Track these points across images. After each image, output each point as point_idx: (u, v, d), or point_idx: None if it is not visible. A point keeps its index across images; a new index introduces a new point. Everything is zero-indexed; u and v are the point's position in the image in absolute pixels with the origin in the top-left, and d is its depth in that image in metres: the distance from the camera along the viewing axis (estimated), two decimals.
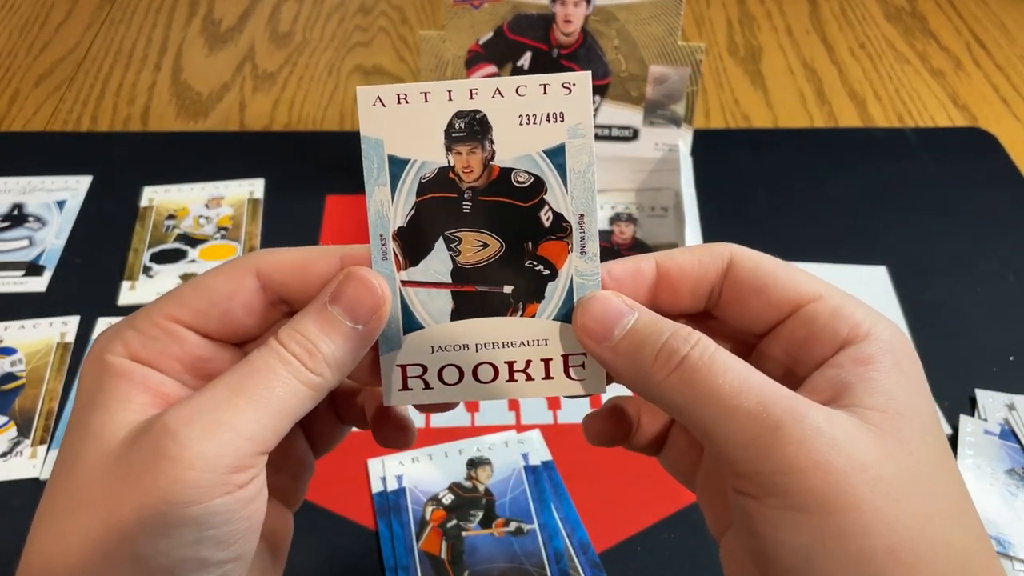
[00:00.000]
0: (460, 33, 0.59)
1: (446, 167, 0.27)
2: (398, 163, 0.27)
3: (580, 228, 0.27)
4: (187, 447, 0.23)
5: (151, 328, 0.26)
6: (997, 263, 0.61)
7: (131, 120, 0.76)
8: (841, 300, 0.27)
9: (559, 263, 0.27)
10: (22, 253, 0.61)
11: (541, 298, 0.28)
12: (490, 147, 0.27)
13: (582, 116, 0.26)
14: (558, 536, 0.45)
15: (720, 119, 0.77)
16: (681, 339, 0.26)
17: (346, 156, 0.70)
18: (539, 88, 0.26)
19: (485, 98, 0.26)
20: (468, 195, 0.27)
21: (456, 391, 0.28)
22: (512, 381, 0.28)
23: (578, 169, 0.27)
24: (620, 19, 0.57)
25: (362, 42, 0.86)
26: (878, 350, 0.26)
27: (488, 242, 0.27)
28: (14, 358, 0.54)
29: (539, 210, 0.27)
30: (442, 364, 0.28)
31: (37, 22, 0.88)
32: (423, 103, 0.26)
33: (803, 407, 0.24)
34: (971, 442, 0.50)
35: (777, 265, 0.29)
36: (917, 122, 0.76)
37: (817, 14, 0.91)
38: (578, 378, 0.28)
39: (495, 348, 0.28)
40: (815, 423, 0.24)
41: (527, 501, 0.46)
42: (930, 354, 0.55)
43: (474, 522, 0.45)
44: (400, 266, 0.27)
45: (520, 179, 0.27)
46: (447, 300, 0.28)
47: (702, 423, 0.25)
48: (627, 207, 0.63)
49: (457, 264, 0.27)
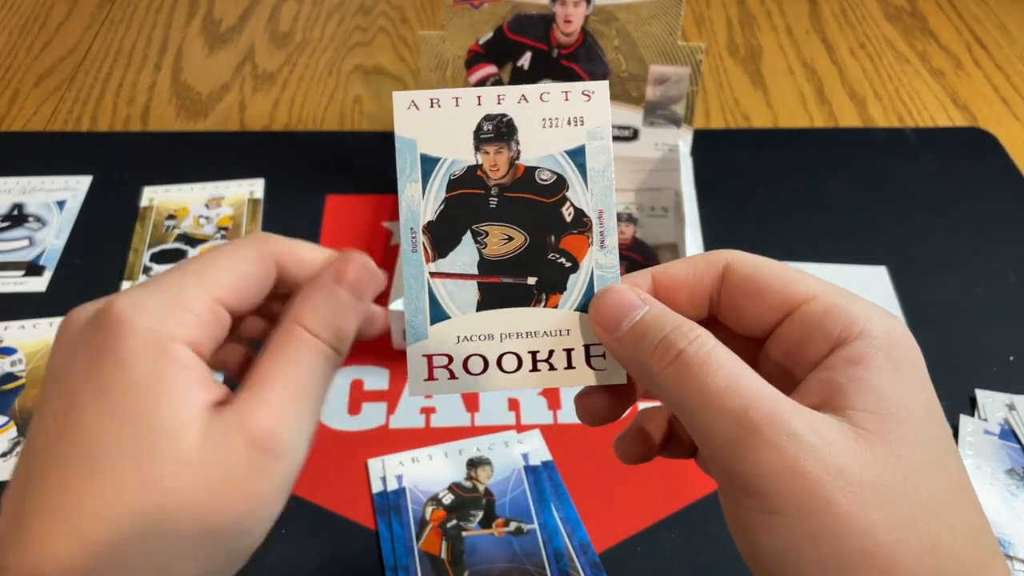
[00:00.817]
0: (460, 33, 0.59)
1: (475, 165, 0.28)
2: (429, 161, 0.29)
3: (600, 223, 0.29)
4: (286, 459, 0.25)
5: (205, 312, 0.26)
6: (997, 263, 0.61)
7: (131, 120, 0.76)
8: (835, 299, 0.28)
9: (580, 256, 0.29)
10: (22, 253, 0.61)
11: (564, 289, 0.29)
12: (516, 147, 0.29)
13: (601, 120, 0.28)
14: (558, 536, 0.45)
15: (720, 119, 0.77)
16: (681, 334, 0.27)
17: (346, 156, 0.70)
18: (561, 95, 0.28)
19: (511, 103, 0.28)
20: (495, 191, 0.29)
21: (481, 380, 0.29)
22: (535, 371, 0.29)
23: (597, 168, 0.29)
24: (620, 19, 0.57)
25: (362, 42, 0.86)
26: (870, 348, 0.26)
27: (513, 235, 0.29)
28: (14, 358, 0.54)
29: (561, 206, 0.29)
30: (468, 354, 0.29)
31: (37, 22, 0.88)
32: (454, 107, 0.28)
33: (784, 412, 0.25)
34: (971, 442, 0.50)
35: (773, 268, 0.29)
36: (917, 122, 0.76)
37: (817, 14, 0.91)
38: (599, 368, 0.29)
39: (519, 338, 0.29)
40: (793, 429, 0.24)
41: (527, 501, 0.46)
42: (930, 354, 0.54)
43: (474, 522, 0.45)
44: (429, 258, 0.29)
45: (543, 177, 0.29)
46: (473, 291, 0.29)
47: (690, 418, 0.26)
48: (627, 207, 0.63)
49: (483, 256, 0.29)
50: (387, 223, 0.64)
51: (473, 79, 0.60)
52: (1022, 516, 0.46)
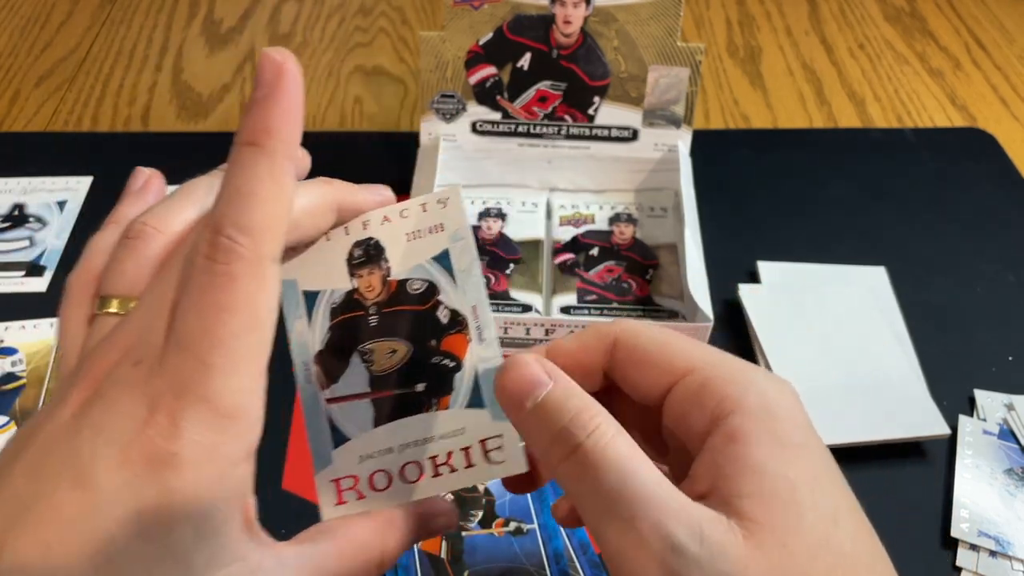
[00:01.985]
0: (460, 34, 0.59)
1: (351, 290, 0.30)
2: (311, 296, 0.30)
3: (475, 318, 0.30)
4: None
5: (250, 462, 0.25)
6: (996, 263, 0.62)
7: (132, 120, 0.76)
8: (713, 371, 0.27)
9: (461, 354, 0.30)
10: (23, 253, 0.61)
11: (451, 390, 0.30)
12: (385, 265, 0.30)
13: (459, 223, 0.30)
14: (558, 536, 0.45)
15: (719, 120, 0.77)
16: (579, 425, 0.26)
17: (346, 156, 0.70)
18: (419, 208, 0.30)
19: (375, 226, 0.30)
20: (373, 310, 0.30)
21: (387, 496, 0.30)
22: (437, 476, 0.30)
23: (463, 267, 0.30)
24: (620, 20, 0.57)
25: (362, 43, 0.86)
26: (745, 422, 0.26)
27: (396, 348, 0.30)
28: (15, 358, 0.54)
29: (436, 310, 0.30)
30: (371, 471, 0.30)
31: (38, 23, 0.88)
32: (325, 241, 0.30)
33: (670, 521, 0.24)
34: (970, 442, 0.50)
35: (655, 339, 0.29)
36: (916, 122, 0.76)
37: (816, 15, 0.91)
38: (497, 460, 0.30)
39: (416, 446, 0.30)
40: (677, 541, 0.24)
41: (527, 501, 0.46)
42: (929, 354, 0.55)
43: (474, 522, 0.45)
44: (323, 386, 0.30)
45: (415, 287, 0.30)
46: (368, 408, 0.30)
47: (585, 516, 0.26)
48: (626, 207, 0.63)
49: (372, 373, 0.30)
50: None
51: (473, 80, 0.60)
52: (1021, 516, 0.46)
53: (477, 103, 0.61)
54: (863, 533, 0.25)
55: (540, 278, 0.57)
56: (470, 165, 0.63)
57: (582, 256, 0.59)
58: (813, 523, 0.24)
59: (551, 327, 0.52)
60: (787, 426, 0.26)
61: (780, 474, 0.25)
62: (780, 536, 0.24)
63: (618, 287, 0.57)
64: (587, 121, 0.61)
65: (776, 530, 0.24)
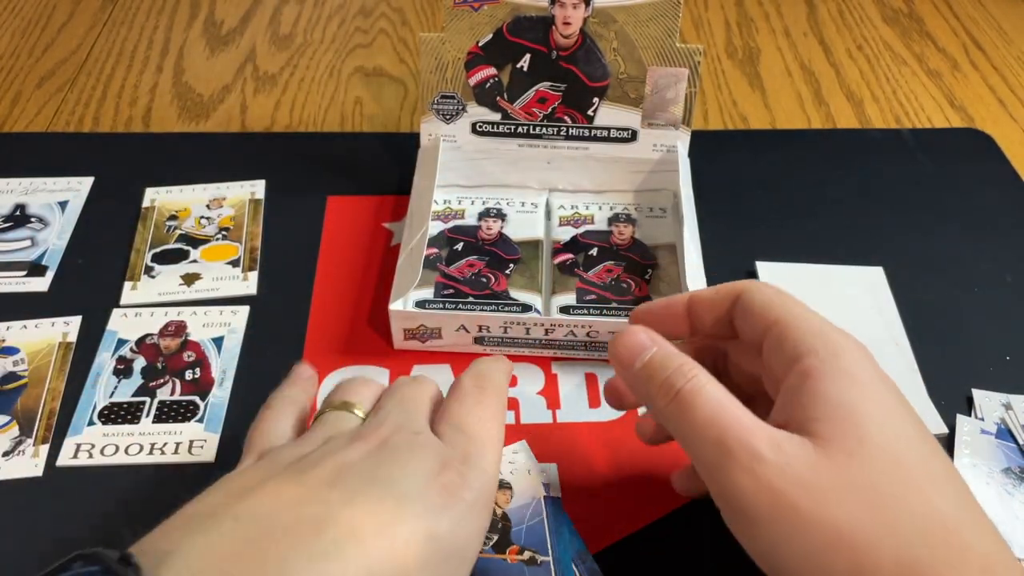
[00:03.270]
0: (460, 35, 0.59)
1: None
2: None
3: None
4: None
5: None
6: (994, 263, 0.62)
7: (133, 121, 0.76)
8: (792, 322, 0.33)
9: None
10: (24, 253, 0.61)
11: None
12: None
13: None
14: (571, 573, 0.44)
15: (718, 120, 0.77)
16: (680, 374, 0.32)
17: (347, 157, 0.71)
18: None
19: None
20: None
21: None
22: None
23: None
24: (619, 21, 0.58)
25: (362, 44, 0.87)
26: (816, 361, 0.31)
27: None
28: (16, 358, 0.54)
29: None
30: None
31: (39, 24, 0.88)
32: None
33: (754, 439, 0.30)
34: (968, 441, 0.50)
35: (765, 294, 0.35)
36: (914, 123, 0.77)
37: (815, 16, 0.91)
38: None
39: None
40: (760, 453, 0.29)
41: (544, 531, 0.45)
42: (927, 354, 0.55)
43: (488, 545, 0.45)
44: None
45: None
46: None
47: (684, 444, 0.32)
48: (626, 208, 0.63)
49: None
50: (388, 224, 0.64)
51: (473, 81, 0.61)
52: (1019, 515, 0.46)
53: (477, 104, 0.62)
54: (935, 456, 0.30)
55: (540, 278, 0.57)
56: (470, 166, 0.64)
57: (581, 256, 0.59)
58: (880, 442, 0.29)
59: (551, 327, 0.52)
60: (855, 367, 0.31)
61: (847, 401, 0.30)
62: (848, 450, 0.29)
63: (617, 287, 0.57)
64: (586, 122, 0.62)
65: (844, 445, 0.29)
